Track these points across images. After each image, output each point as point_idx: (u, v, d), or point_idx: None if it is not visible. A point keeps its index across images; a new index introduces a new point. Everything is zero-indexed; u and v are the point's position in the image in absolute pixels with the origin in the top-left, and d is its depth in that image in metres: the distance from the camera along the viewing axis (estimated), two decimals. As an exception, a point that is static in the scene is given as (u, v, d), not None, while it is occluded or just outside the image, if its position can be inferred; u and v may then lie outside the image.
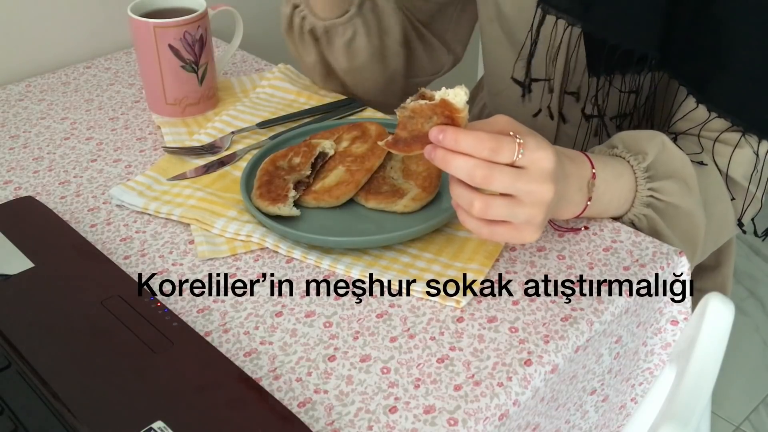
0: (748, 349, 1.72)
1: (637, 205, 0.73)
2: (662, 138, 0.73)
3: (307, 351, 0.61)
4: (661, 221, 0.73)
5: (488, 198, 0.59)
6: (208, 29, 0.90)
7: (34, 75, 1.06)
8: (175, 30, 0.86)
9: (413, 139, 0.60)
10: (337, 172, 0.77)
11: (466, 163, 0.58)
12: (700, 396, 0.67)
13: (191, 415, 0.52)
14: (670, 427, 0.64)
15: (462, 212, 0.62)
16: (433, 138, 0.58)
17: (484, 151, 0.58)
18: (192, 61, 0.89)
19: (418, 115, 0.59)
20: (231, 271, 0.69)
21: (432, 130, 0.59)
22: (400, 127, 0.60)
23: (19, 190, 0.81)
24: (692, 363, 0.67)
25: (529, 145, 0.59)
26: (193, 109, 0.92)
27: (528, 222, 0.61)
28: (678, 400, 0.67)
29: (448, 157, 0.58)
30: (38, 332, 0.59)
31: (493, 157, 0.58)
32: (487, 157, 0.58)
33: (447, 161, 0.58)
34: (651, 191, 0.72)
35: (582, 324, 0.63)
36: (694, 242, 0.75)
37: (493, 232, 0.61)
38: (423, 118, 0.59)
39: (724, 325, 0.68)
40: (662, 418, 0.68)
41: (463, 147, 0.58)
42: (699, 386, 0.67)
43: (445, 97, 0.58)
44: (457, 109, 0.58)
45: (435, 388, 0.57)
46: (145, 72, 0.90)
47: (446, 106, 0.58)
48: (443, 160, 0.59)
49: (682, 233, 0.74)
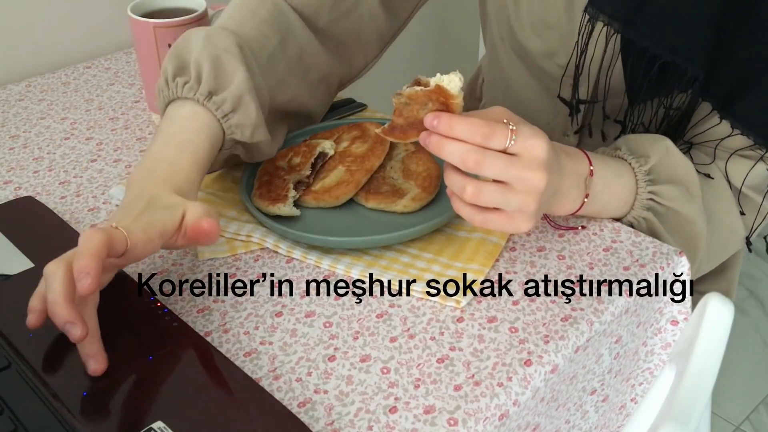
0: (748, 349, 1.72)
1: (636, 208, 0.73)
2: (666, 143, 0.73)
3: (307, 351, 0.61)
4: (660, 225, 0.73)
5: (481, 183, 0.60)
6: None
7: (34, 75, 1.06)
8: (175, 30, 0.86)
9: (409, 125, 0.61)
10: (337, 172, 0.77)
11: (459, 148, 0.58)
12: (700, 396, 0.67)
13: (191, 415, 0.52)
14: (670, 427, 0.64)
15: (455, 199, 0.62)
16: (428, 124, 0.59)
17: (477, 136, 0.58)
18: None
19: (414, 101, 0.60)
20: (231, 271, 0.69)
21: (427, 116, 0.59)
22: (396, 114, 0.61)
23: (19, 190, 0.81)
24: (692, 363, 0.68)
25: (523, 132, 0.59)
26: None
27: (521, 210, 0.61)
28: (678, 400, 0.67)
29: (442, 143, 0.59)
30: (38, 332, 0.58)
31: (486, 143, 0.58)
32: (480, 142, 0.58)
33: (441, 146, 0.59)
34: (651, 194, 0.72)
35: (582, 324, 0.63)
36: (694, 249, 0.74)
37: (486, 220, 0.62)
38: (419, 104, 0.60)
39: (724, 325, 0.68)
40: (662, 418, 0.68)
41: (457, 132, 0.58)
42: (699, 386, 0.67)
43: (440, 83, 0.58)
44: (451, 95, 0.58)
45: (435, 388, 0.57)
46: (146, 72, 0.90)
47: (441, 92, 0.59)
48: (437, 146, 0.59)
49: (682, 239, 0.74)
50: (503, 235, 0.72)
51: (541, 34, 0.83)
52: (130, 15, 0.87)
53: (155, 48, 0.87)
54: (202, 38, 0.71)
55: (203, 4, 0.89)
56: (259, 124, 0.71)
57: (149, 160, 0.66)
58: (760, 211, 0.78)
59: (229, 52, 0.71)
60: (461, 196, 0.61)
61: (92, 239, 0.55)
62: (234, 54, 0.71)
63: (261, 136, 0.72)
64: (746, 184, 0.76)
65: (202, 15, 0.88)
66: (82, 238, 0.56)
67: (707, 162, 0.76)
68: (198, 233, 0.61)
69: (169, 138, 0.67)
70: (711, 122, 0.76)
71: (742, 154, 0.75)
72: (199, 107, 0.69)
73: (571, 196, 0.68)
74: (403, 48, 1.05)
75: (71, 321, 0.53)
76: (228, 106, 0.69)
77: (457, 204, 0.62)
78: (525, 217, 0.61)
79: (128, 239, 0.58)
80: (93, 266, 0.54)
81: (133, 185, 0.64)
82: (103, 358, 0.55)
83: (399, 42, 0.94)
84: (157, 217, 0.60)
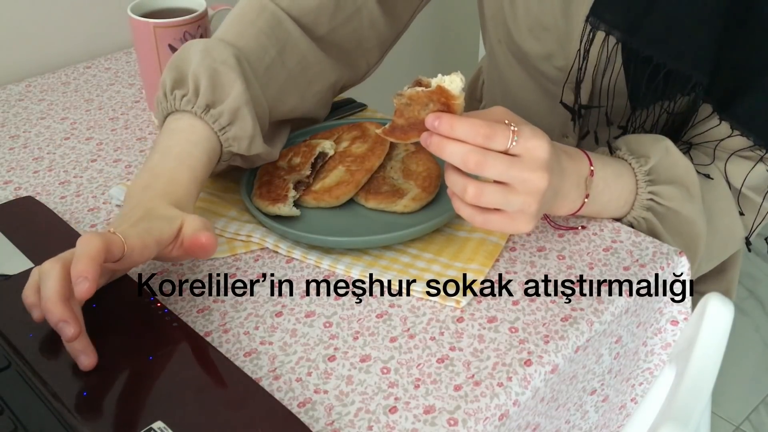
0: (748, 349, 1.72)
1: (636, 208, 0.73)
2: (666, 143, 0.73)
3: (307, 351, 0.61)
4: (660, 226, 0.73)
5: (482, 184, 0.60)
6: (208, 29, 0.90)
7: (34, 75, 1.06)
8: (175, 30, 0.86)
9: (410, 126, 0.60)
10: (337, 172, 0.77)
11: (460, 149, 0.58)
12: (700, 396, 0.67)
13: (191, 415, 0.52)
14: (670, 427, 0.65)
15: (456, 200, 0.62)
16: (429, 124, 0.59)
17: (479, 137, 0.58)
18: None
19: (415, 102, 0.60)
20: (231, 271, 0.69)
21: (428, 116, 0.59)
22: (397, 115, 0.61)
23: (19, 190, 0.81)
24: (692, 363, 0.68)
25: (524, 133, 0.59)
26: None
27: (522, 211, 0.61)
28: (678, 400, 0.67)
29: (443, 143, 0.59)
30: (38, 332, 0.58)
31: (488, 144, 0.58)
32: (481, 143, 0.58)
33: (442, 147, 0.59)
34: (651, 194, 0.72)
35: (582, 324, 0.63)
36: (694, 250, 0.74)
37: (486, 220, 0.62)
38: (420, 105, 0.60)
39: (724, 325, 0.68)
40: (662, 418, 0.68)
41: (458, 133, 0.58)
42: (699, 386, 0.67)
43: (441, 84, 0.58)
44: (453, 96, 0.58)
45: (435, 388, 0.57)
46: (146, 72, 0.90)
47: (442, 92, 0.58)
48: (438, 146, 0.59)
49: (682, 240, 0.74)
50: (503, 235, 0.72)
51: (539, 37, 0.83)
52: (130, 15, 0.87)
53: (155, 48, 0.87)
54: (200, 51, 0.72)
55: (203, 3, 0.89)
56: (255, 135, 0.72)
57: (147, 173, 0.67)
58: (760, 211, 0.78)
59: (227, 65, 0.71)
60: (462, 197, 0.61)
61: (90, 243, 0.55)
62: (231, 66, 0.71)
63: (258, 149, 0.73)
64: (746, 184, 0.76)
65: (202, 15, 0.88)
66: (80, 242, 0.56)
67: (707, 162, 0.76)
68: (195, 246, 0.61)
69: (167, 151, 0.68)
70: (711, 123, 0.76)
71: (742, 154, 0.75)
72: (197, 120, 0.70)
73: (571, 197, 0.68)
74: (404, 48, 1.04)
75: (65, 320, 0.54)
76: (225, 119, 0.70)
77: (458, 204, 0.62)
78: (526, 218, 0.61)
79: (125, 244, 0.58)
80: (91, 271, 0.54)
81: (132, 197, 0.65)
82: (93, 352, 0.56)
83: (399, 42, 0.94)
84: (155, 225, 0.61)
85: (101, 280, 0.60)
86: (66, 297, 0.55)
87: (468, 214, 0.62)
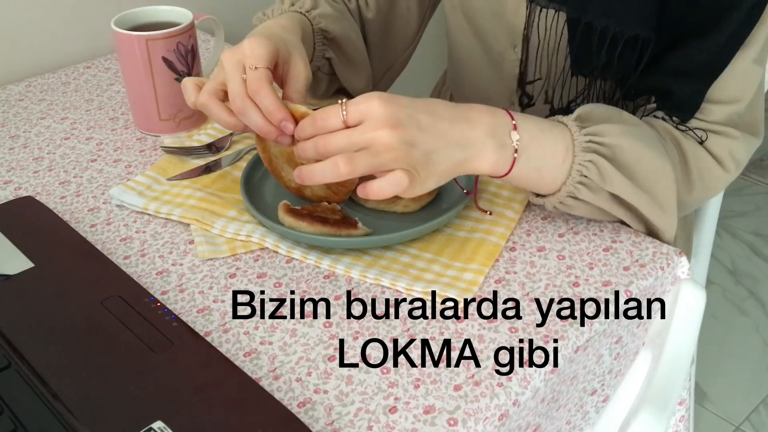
0: (748, 349, 1.72)
1: (578, 153, 0.68)
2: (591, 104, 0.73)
3: (307, 351, 0.61)
4: (610, 166, 0.68)
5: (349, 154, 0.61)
6: (197, 39, 0.89)
7: (34, 75, 1.06)
8: (167, 42, 0.84)
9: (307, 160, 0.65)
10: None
11: (308, 143, 0.63)
12: (676, 380, 0.69)
13: (191, 415, 0.52)
14: (648, 410, 0.66)
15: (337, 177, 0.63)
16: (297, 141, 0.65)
17: (316, 123, 0.63)
18: (185, 72, 0.87)
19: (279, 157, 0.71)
20: (231, 271, 0.69)
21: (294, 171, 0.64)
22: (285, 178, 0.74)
23: (19, 190, 0.81)
24: (667, 348, 0.70)
25: (353, 102, 0.62)
26: (188, 122, 0.90)
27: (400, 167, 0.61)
28: (654, 385, 0.69)
29: (298, 150, 0.64)
30: (38, 332, 0.59)
31: (326, 126, 0.63)
32: (321, 128, 0.63)
33: (299, 152, 0.64)
34: (588, 135, 0.68)
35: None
36: (664, 188, 0.70)
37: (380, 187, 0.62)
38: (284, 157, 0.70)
39: (697, 310, 0.71)
40: (640, 402, 0.68)
41: (305, 132, 0.64)
42: (675, 370, 0.70)
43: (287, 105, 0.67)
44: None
45: (435, 388, 0.57)
46: (136, 89, 0.87)
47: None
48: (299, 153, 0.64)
49: (645, 180, 0.69)
50: (503, 235, 0.72)
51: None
52: (116, 30, 0.84)
53: (148, 62, 0.85)
54: None
55: (189, 14, 0.88)
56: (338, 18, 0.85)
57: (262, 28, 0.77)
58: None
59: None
60: (339, 174, 0.61)
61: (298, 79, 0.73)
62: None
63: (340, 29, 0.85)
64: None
65: (191, 25, 0.87)
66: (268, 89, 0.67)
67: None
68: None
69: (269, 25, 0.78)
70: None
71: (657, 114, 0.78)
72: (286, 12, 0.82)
73: (488, 147, 0.65)
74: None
75: (287, 119, 0.66)
76: (308, 4, 0.84)
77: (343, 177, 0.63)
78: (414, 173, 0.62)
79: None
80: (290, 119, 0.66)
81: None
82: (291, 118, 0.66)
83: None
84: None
85: None
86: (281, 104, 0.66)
87: (364, 192, 0.63)
